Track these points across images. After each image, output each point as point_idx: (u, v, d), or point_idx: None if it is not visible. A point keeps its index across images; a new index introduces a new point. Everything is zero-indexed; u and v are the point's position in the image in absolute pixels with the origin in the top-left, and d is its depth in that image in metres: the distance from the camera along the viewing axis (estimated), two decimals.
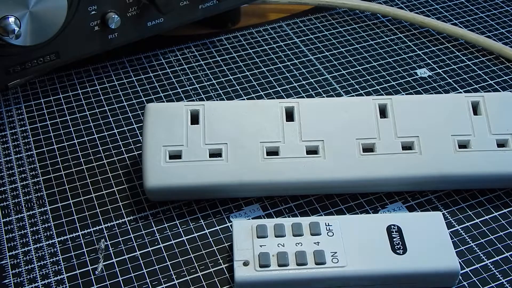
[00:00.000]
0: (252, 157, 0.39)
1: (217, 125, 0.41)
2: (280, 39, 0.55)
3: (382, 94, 0.49)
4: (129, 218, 0.40)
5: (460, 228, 0.40)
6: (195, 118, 0.41)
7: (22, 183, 0.42)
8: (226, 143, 0.40)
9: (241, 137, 0.40)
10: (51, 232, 0.39)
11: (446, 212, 0.41)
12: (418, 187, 0.41)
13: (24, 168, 0.43)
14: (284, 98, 0.49)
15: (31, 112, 0.48)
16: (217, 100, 0.49)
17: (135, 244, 0.39)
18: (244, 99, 0.49)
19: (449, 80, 0.50)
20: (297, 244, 0.36)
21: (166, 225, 0.40)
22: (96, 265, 0.37)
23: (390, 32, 0.56)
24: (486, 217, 0.40)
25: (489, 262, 0.38)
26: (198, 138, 0.40)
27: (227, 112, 0.41)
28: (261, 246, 0.36)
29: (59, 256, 0.38)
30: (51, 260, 0.38)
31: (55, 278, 0.37)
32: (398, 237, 0.36)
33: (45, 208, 0.41)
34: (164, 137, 0.40)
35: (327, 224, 0.37)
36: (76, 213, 0.40)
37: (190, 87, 0.50)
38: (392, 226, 0.37)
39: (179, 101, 0.48)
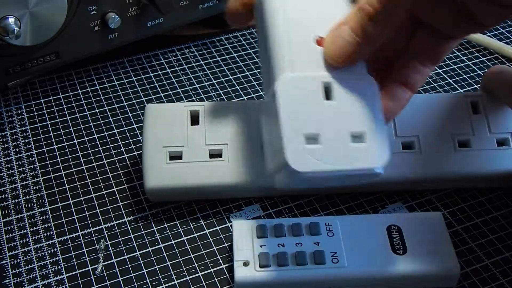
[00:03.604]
0: (253, 158, 0.39)
1: (217, 125, 0.40)
2: None
3: None
4: (129, 218, 0.40)
5: (460, 228, 0.40)
6: (195, 119, 0.41)
7: (22, 183, 0.42)
8: (226, 143, 0.40)
9: (241, 137, 0.40)
10: (51, 232, 0.39)
11: (446, 212, 0.41)
12: (418, 186, 0.41)
13: (24, 168, 0.43)
14: None
15: (31, 112, 0.48)
16: (217, 100, 0.49)
17: (135, 244, 0.39)
18: (244, 99, 0.49)
19: (449, 80, 0.50)
20: (297, 244, 0.36)
21: (166, 225, 0.40)
22: (96, 265, 0.37)
23: None
24: (486, 217, 0.40)
25: (489, 262, 0.38)
26: (198, 138, 0.40)
27: (227, 113, 0.41)
28: (261, 246, 0.36)
29: (59, 256, 0.38)
30: (51, 260, 0.38)
31: (55, 278, 0.37)
32: (398, 237, 0.36)
33: (45, 208, 0.41)
34: (164, 138, 0.40)
35: (327, 224, 0.37)
36: (76, 213, 0.40)
37: (190, 87, 0.50)
38: (392, 226, 0.37)
39: (179, 101, 0.48)
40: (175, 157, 0.40)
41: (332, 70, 0.32)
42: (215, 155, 0.40)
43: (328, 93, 0.32)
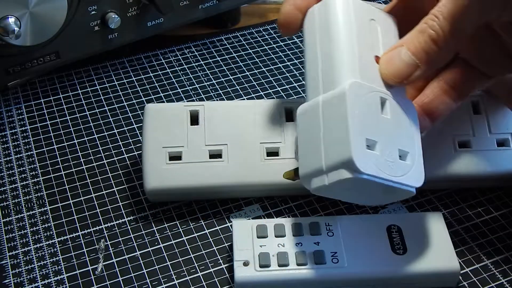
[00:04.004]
0: (253, 158, 0.39)
1: (217, 125, 0.40)
2: (280, 39, 0.55)
3: None
4: (129, 218, 0.40)
5: (460, 228, 0.40)
6: (195, 119, 0.41)
7: (22, 183, 0.42)
8: (226, 143, 0.40)
9: (241, 137, 0.40)
10: (51, 232, 0.39)
11: (446, 212, 0.41)
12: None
13: (24, 168, 0.43)
14: (284, 98, 0.49)
15: (31, 112, 0.48)
16: (217, 100, 0.49)
17: (135, 244, 0.39)
18: (244, 99, 0.49)
19: None
20: (297, 244, 0.36)
21: (166, 225, 0.40)
22: (96, 265, 0.37)
23: None
24: (486, 217, 0.40)
25: (489, 262, 0.38)
26: (198, 139, 0.40)
27: (227, 113, 0.41)
28: (261, 246, 0.36)
29: (59, 256, 0.38)
30: (51, 260, 0.38)
31: (55, 278, 0.37)
32: (398, 237, 0.36)
33: (45, 208, 0.41)
34: (164, 138, 0.40)
35: (327, 224, 0.37)
36: (76, 213, 0.40)
37: (190, 87, 0.50)
38: (392, 226, 0.37)
39: (179, 101, 0.48)
40: (175, 157, 0.40)
41: (386, 87, 0.33)
42: (215, 155, 0.40)
43: (382, 108, 0.33)
